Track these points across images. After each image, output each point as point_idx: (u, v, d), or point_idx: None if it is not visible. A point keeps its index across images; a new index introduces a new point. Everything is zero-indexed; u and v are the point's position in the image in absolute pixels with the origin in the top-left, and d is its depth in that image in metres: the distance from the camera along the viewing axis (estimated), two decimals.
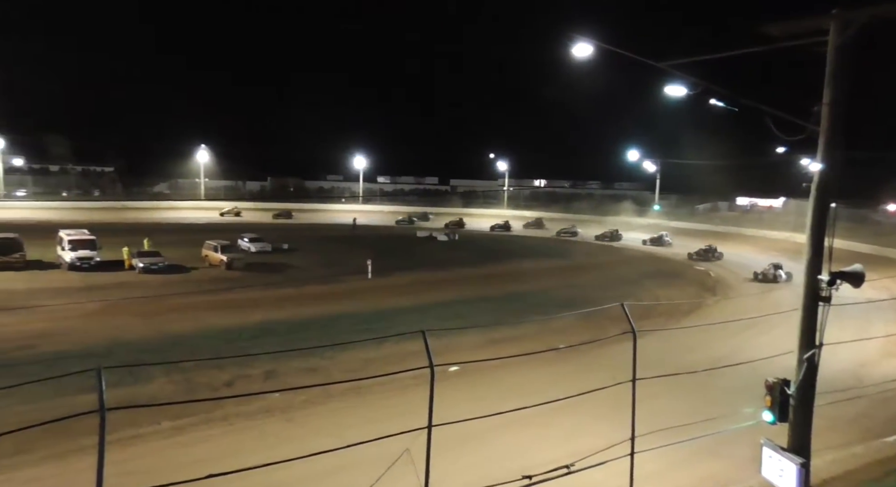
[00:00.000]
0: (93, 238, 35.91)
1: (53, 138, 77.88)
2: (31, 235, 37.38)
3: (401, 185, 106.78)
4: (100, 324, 23.31)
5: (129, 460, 11.08)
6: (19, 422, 7.82)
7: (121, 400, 10.23)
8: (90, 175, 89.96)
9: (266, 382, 17.07)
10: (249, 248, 43.10)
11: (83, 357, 18.02)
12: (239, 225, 59.02)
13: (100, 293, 28.46)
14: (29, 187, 78.84)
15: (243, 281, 33.65)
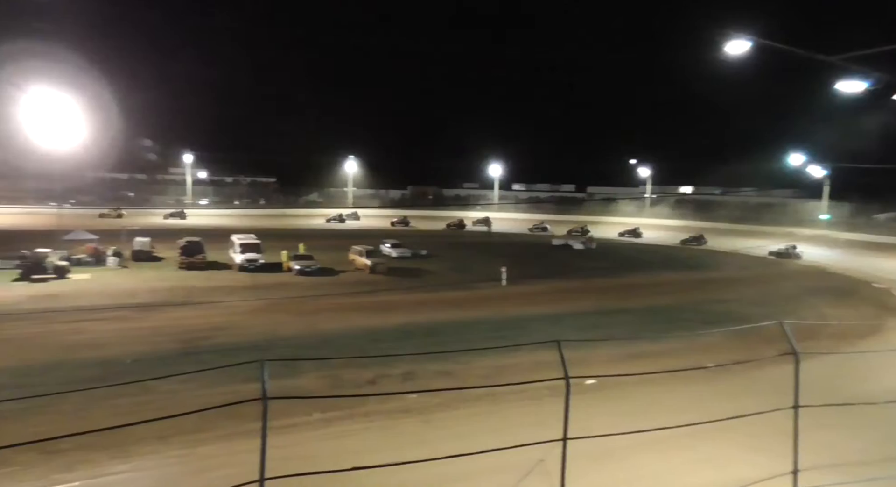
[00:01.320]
0: (258, 242, 40.10)
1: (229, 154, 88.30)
2: (211, 239, 42.52)
3: (536, 192, 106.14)
4: (262, 320, 25.88)
5: (286, 446, 12.11)
6: (199, 404, 8.99)
7: (279, 391, 11.27)
8: (257, 186, 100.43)
9: (404, 382, 17.84)
10: (391, 253, 45.36)
11: (249, 349, 20.16)
12: (380, 232, 62.34)
13: (263, 292, 31.62)
14: (210, 197, 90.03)
15: (385, 284, 35.51)
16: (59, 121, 52.56)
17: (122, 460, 12.18)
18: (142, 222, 60.01)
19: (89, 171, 76.91)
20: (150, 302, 28.22)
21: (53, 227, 44.90)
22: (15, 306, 26.40)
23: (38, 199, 66.65)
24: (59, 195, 58.00)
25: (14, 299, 27.70)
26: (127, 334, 22.76)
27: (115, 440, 12.14)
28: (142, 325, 24.26)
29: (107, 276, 34.79)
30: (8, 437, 12.25)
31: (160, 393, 15.28)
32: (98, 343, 21.25)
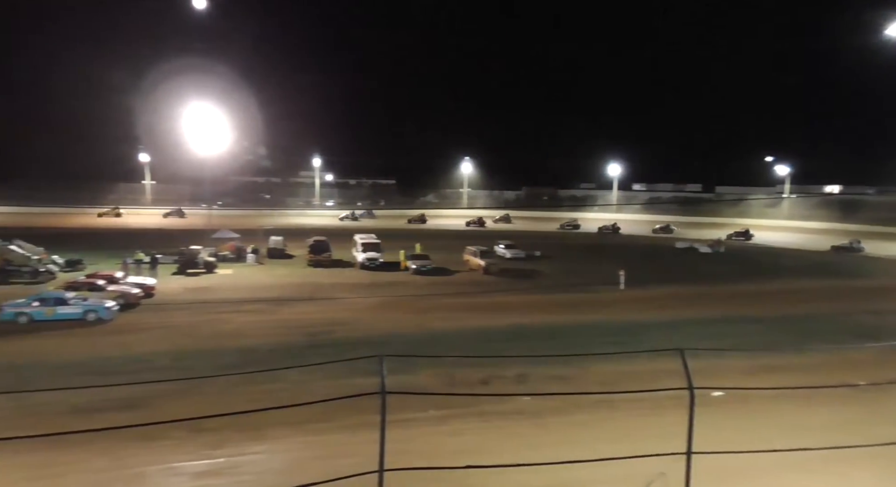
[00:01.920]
0: (378, 242, 41.94)
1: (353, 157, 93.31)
2: (335, 238, 45.13)
3: (658, 192, 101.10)
4: (380, 317, 27.03)
5: (403, 440, 12.56)
6: (324, 394, 9.60)
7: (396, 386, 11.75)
8: (378, 187, 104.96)
9: (517, 384, 17.80)
10: (505, 254, 45.39)
11: (367, 344, 21.15)
12: (493, 232, 62.58)
13: (381, 290, 33.01)
14: (335, 198, 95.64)
15: (498, 285, 35.61)
16: (209, 129, 58.50)
17: (259, 441, 13.32)
18: (276, 222, 65.05)
19: (233, 175, 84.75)
20: (281, 297, 30.51)
21: (203, 227, 49.95)
22: (174, 296, 29.74)
23: (193, 201, 74.54)
24: (209, 198, 64.44)
25: (173, 290, 31.18)
26: (262, 325, 24.78)
27: (252, 422, 13.28)
28: (274, 318, 26.30)
29: (246, 271, 38.10)
30: (165, 414, 13.85)
31: (290, 382, 16.48)
32: (239, 333, 23.37)
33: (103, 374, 17.52)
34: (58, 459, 11.73)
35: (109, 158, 79.30)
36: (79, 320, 23.74)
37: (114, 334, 22.88)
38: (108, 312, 24.53)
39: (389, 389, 6.66)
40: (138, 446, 12.57)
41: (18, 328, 22.83)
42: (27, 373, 17.58)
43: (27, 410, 13.12)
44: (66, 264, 35.11)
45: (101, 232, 55.32)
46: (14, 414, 12.67)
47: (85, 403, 14.24)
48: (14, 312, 23.29)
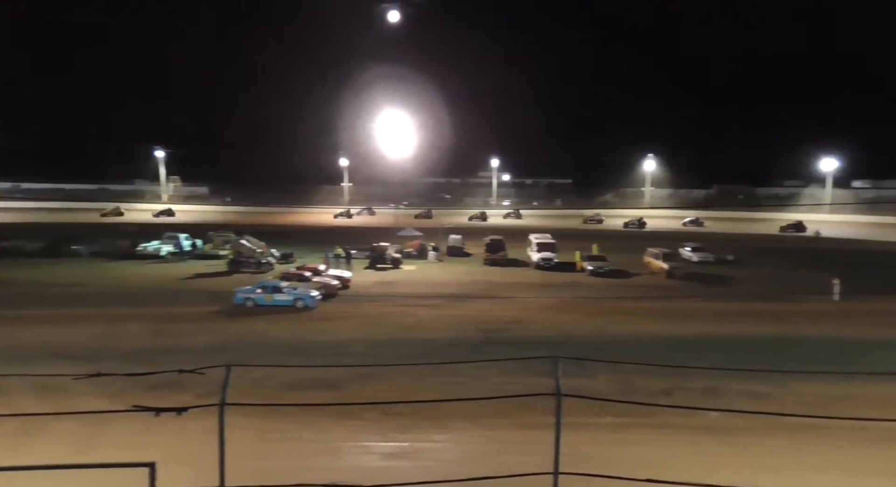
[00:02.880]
0: (554, 242, 41.69)
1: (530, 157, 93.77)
2: (511, 237, 45.84)
3: (888, 189, 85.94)
4: (554, 317, 26.86)
5: (577, 444, 12.38)
6: (498, 391, 9.87)
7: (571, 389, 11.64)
8: (554, 187, 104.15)
9: (704, 398, 16.51)
10: (691, 257, 42.22)
11: (541, 344, 21.18)
12: (683, 234, 58.41)
13: (556, 291, 32.76)
14: (512, 198, 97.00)
15: (683, 290, 33.25)
16: (399, 134, 63.33)
17: (440, 430, 14.13)
18: (455, 222, 67.99)
19: (418, 176, 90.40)
20: (459, 293, 31.83)
21: (391, 225, 54.03)
22: (365, 289, 32.68)
23: (382, 201, 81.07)
24: (396, 198, 69.64)
25: (364, 283, 34.28)
26: (442, 319, 26.13)
27: (434, 411, 14.15)
28: (452, 313, 27.55)
29: (427, 268, 40.40)
30: (359, 396, 15.28)
31: (467, 376, 17.18)
32: (422, 326, 24.92)
33: (308, 355, 19.92)
34: (273, 426, 13.64)
35: (315, 163, 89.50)
36: (289, 306, 27.19)
37: (317, 320, 25.81)
38: (313, 301, 27.74)
39: (564, 391, 6.66)
40: (337, 423, 14.11)
41: (245, 310, 26.86)
42: (252, 349, 20.61)
43: (251, 382, 15.39)
44: (281, 257, 40.37)
45: (310, 229, 62.58)
46: (242, 384, 14.96)
47: (295, 380, 16.32)
48: (243, 297, 27.47)
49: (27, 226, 52.51)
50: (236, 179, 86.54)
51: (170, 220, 66.86)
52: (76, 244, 42.25)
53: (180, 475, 6.21)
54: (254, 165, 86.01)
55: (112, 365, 17.23)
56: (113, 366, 17.05)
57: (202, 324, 24.59)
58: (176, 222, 61.72)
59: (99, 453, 8.77)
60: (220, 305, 27.31)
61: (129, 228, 52.36)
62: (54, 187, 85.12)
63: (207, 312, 26.35)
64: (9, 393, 14.95)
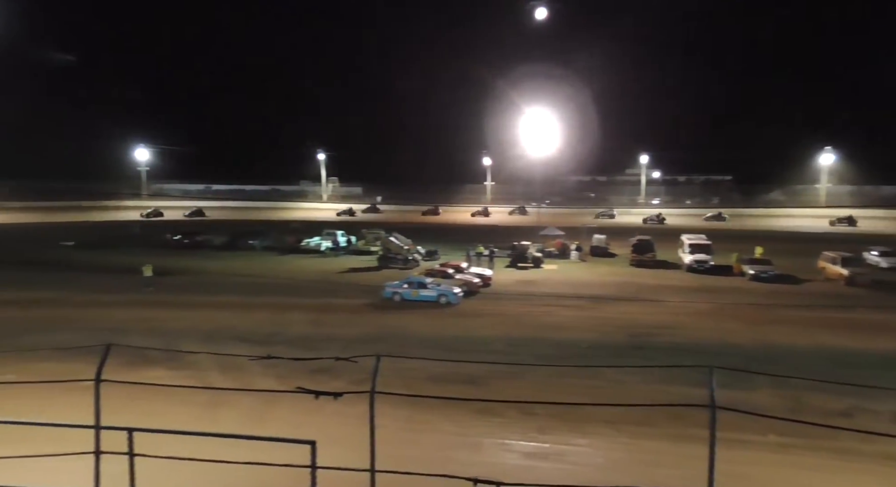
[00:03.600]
0: (709, 243, 38.71)
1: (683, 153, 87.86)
2: (661, 238, 43.41)
3: None
4: (709, 324, 24.93)
5: (734, 462, 11.42)
6: (644, 398, 9.42)
7: (728, 402, 10.77)
8: (710, 184, 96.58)
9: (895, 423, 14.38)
10: (879, 263, 36.86)
11: (694, 352, 19.80)
12: (859, 236, 51.21)
13: (711, 295, 30.38)
14: (661, 197, 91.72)
15: (867, 300, 29.16)
16: (542, 132, 62.83)
17: (580, 434, 13.82)
18: (599, 220, 65.88)
19: (561, 174, 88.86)
20: (602, 294, 30.79)
21: (534, 224, 53.79)
22: (506, 287, 32.89)
23: (525, 200, 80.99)
24: (539, 197, 69.13)
25: (505, 281, 34.51)
26: (583, 321, 25.47)
27: (572, 414, 13.88)
28: (595, 315, 26.73)
29: (569, 268, 39.60)
30: (499, 393, 15.44)
31: (608, 381, 16.59)
32: (562, 326, 24.52)
33: (450, 350, 20.51)
34: (418, 416, 14.26)
35: (460, 163, 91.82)
36: (433, 302, 28.21)
37: (459, 316, 26.50)
38: (456, 297, 28.52)
39: (720, 404, 6.20)
40: (477, 418, 14.39)
41: (392, 304, 28.35)
42: (398, 341, 21.71)
43: (398, 372, 16.23)
44: (426, 254, 41.99)
45: (453, 227, 64.38)
46: (391, 374, 15.83)
47: (438, 373, 16.91)
48: (391, 291, 29.04)
49: (215, 223, 60.01)
50: (387, 179, 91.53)
51: (351, 219, 72.10)
52: (252, 239, 47.51)
53: (336, 454, 6.73)
54: (403, 165, 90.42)
55: (280, 349, 19.19)
56: (280, 350, 18.99)
57: (355, 316, 26.39)
58: (358, 221, 66.47)
59: (269, 427, 9.82)
60: (371, 298, 29.10)
61: (294, 225, 57.65)
62: (236, 188, 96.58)
63: (359, 304, 28.22)
64: (201, 368, 17.25)
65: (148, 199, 79.92)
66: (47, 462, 7.10)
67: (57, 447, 7.08)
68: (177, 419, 9.50)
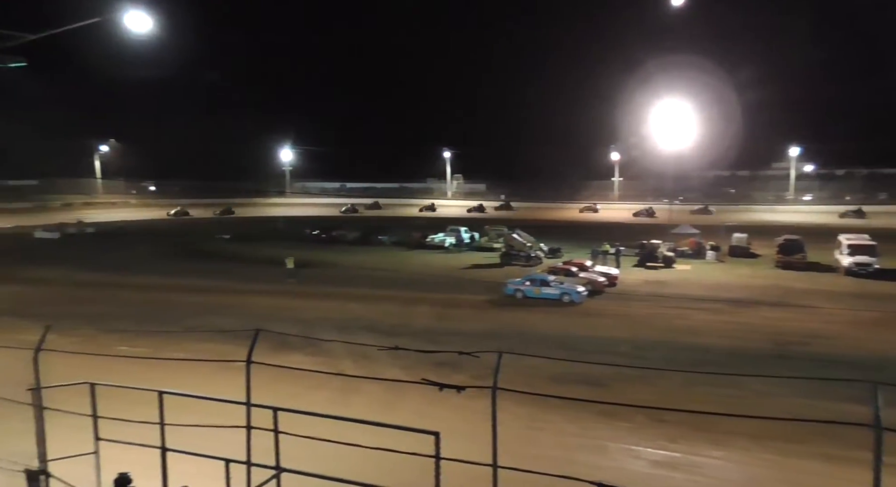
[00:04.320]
0: (873, 244, 34.28)
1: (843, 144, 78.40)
2: (812, 238, 39.22)
3: None
4: (870, 334, 22.12)
5: None
6: (791, 412, 8.59)
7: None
8: (876, 177, 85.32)
9: None
10: None
11: (850, 365, 17.72)
12: None
13: (874, 303, 26.94)
14: (814, 192, 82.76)
15: None
16: (676, 125, 59.31)
17: (716, 446, 12.91)
18: (738, 218, 60.84)
19: (698, 170, 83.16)
20: (743, 298, 28.46)
21: (664, 221, 51.03)
22: (633, 287, 31.54)
23: (656, 196, 77.06)
24: (671, 193, 65.35)
25: (632, 281, 33.10)
26: (720, 326, 23.71)
27: (710, 425, 12.99)
28: (734, 319, 24.77)
29: (705, 269, 37.05)
30: (626, 397, 14.87)
31: (751, 391, 15.30)
32: (695, 330, 23.03)
33: (572, 350, 20.08)
34: (540, 416, 14.13)
35: (586, 158, 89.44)
36: (556, 300, 27.76)
37: (582, 316, 25.85)
38: (579, 296, 27.85)
39: (888, 425, 5.51)
40: (602, 422, 13.96)
41: (515, 301, 28.31)
42: (520, 338, 21.63)
43: (520, 369, 16.13)
44: (549, 251, 41.43)
45: (576, 225, 62.93)
46: (513, 371, 15.82)
47: (560, 373, 16.63)
48: (513, 288, 29.02)
49: (349, 219, 63.72)
50: (511, 175, 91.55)
51: (481, 215, 73.39)
52: (381, 235, 49.86)
53: (458, 447, 6.88)
54: (527, 161, 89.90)
55: (405, 341, 19.91)
56: (406, 341, 19.70)
57: (477, 311, 26.71)
58: (486, 217, 67.53)
59: (395, 415, 10.26)
60: (493, 294, 29.29)
61: (419, 221, 59.59)
62: (368, 185, 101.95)
63: (482, 300, 28.52)
64: (334, 356, 18.46)
65: (290, 196, 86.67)
66: (206, 430, 8.00)
67: (214, 418, 7.94)
68: (313, 402, 10.23)
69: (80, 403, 8.90)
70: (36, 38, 8.42)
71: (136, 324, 22.46)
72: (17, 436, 9.53)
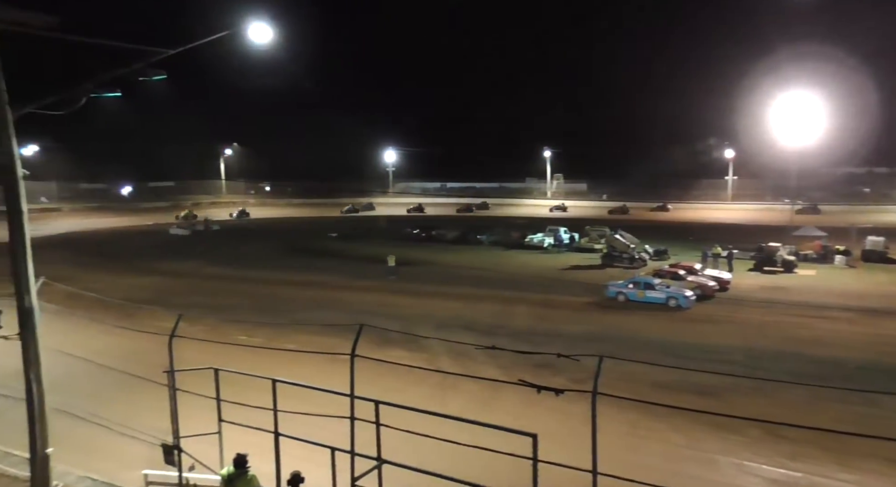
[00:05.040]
0: None
1: None
2: None
3: None
4: None
5: None
6: None
7: None
8: None
9: None
10: None
11: None
12: None
13: None
14: None
15: None
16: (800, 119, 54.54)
17: (845, 469, 11.76)
18: (872, 220, 54.78)
19: (826, 167, 75.88)
20: (880, 307, 25.65)
21: (785, 223, 47.13)
22: (747, 293, 29.38)
23: (775, 196, 71.28)
24: (793, 192, 60.09)
25: (747, 286, 30.83)
26: (851, 337, 21.53)
27: (836, 444, 11.84)
28: (868, 331, 22.38)
29: (832, 274, 33.80)
30: (739, 409, 13.90)
31: (889, 410, 13.76)
32: (821, 341, 21.06)
33: (679, 357, 19.07)
34: (643, 423, 13.57)
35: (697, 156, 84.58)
36: (661, 304, 26.48)
37: (690, 321, 24.47)
38: (687, 301, 26.38)
39: None
40: (712, 433, 13.14)
41: (616, 304, 27.35)
42: (622, 343, 20.88)
43: (622, 375, 15.57)
44: (654, 253, 39.61)
45: (684, 225, 59.66)
46: (614, 376, 15.27)
47: (665, 380, 15.84)
48: (615, 291, 28.03)
49: (448, 218, 64.64)
50: (614, 175, 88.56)
51: (563, 215, 72.13)
52: (480, 234, 50.07)
53: (555, 450, 6.75)
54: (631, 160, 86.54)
55: (502, 341, 19.84)
56: (503, 341, 19.64)
57: (576, 313, 26.09)
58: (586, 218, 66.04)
59: (491, 415, 10.26)
60: (593, 297, 28.47)
61: (519, 221, 59.17)
62: (467, 185, 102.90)
63: (581, 302, 27.82)
64: (433, 352, 18.81)
65: (393, 196, 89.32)
66: (311, 418, 8.44)
67: (318, 407, 8.37)
68: (412, 397, 10.45)
69: (200, 385, 9.73)
70: (175, 53, 9.25)
71: (253, 315, 24.13)
72: (154, 413, 10.60)
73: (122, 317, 20.01)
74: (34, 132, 59.22)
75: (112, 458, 11.85)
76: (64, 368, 12.41)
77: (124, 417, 12.44)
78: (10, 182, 9.65)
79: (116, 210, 75.32)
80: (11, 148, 9.57)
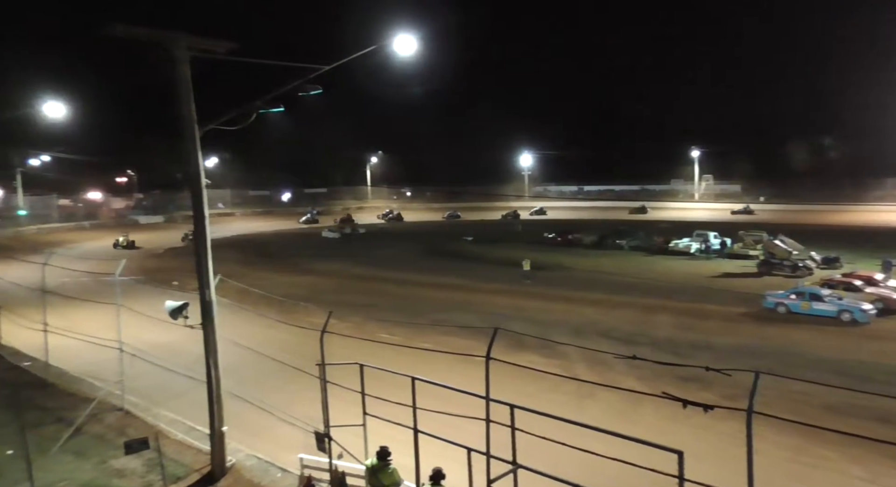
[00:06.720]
0: None
1: None
2: None
3: None
4: None
5: None
6: None
7: None
8: None
9: None
10: None
11: None
12: None
13: None
14: None
15: None
16: None
17: None
18: None
19: None
20: None
21: None
22: None
23: None
24: None
25: None
26: None
27: None
28: None
29: None
30: None
31: None
32: None
33: (856, 378, 16.83)
34: (809, 450, 12.15)
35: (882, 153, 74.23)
36: (831, 318, 23.54)
37: (868, 338, 21.50)
38: (864, 315, 23.20)
39: None
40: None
41: (776, 316, 24.77)
42: (783, 359, 18.83)
43: (783, 394, 14.08)
44: (822, 261, 35.38)
45: (865, 231, 52.51)
46: (774, 394, 13.85)
47: (837, 403, 14.07)
48: (774, 301, 25.40)
49: (586, 222, 62.91)
50: (771, 175, 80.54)
51: (749, 218, 66.14)
52: (619, 239, 48.07)
53: (701, 470, 6.27)
54: (796, 159, 78.22)
55: (643, 350, 18.88)
56: (644, 351, 18.70)
57: (728, 324, 24.05)
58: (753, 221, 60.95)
59: (631, 428, 9.77)
60: (748, 307, 26.05)
61: (662, 225, 55.92)
62: (606, 188, 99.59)
63: (734, 312, 25.59)
64: (569, 359, 18.37)
65: (530, 199, 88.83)
66: (446, 417, 8.64)
67: (452, 407, 8.54)
68: (547, 403, 10.30)
69: (346, 378, 10.38)
70: (329, 69, 10.06)
71: (392, 314, 25.29)
72: (307, 402, 11.53)
73: (282, 312, 21.96)
74: (213, 145, 67.18)
75: (274, 441, 13.07)
76: (234, 357, 13.94)
77: (283, 404, 13.66)
78: (196, 190, 11.12)
79: (278, 214, 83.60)
80: (198, 160, 11.02)
